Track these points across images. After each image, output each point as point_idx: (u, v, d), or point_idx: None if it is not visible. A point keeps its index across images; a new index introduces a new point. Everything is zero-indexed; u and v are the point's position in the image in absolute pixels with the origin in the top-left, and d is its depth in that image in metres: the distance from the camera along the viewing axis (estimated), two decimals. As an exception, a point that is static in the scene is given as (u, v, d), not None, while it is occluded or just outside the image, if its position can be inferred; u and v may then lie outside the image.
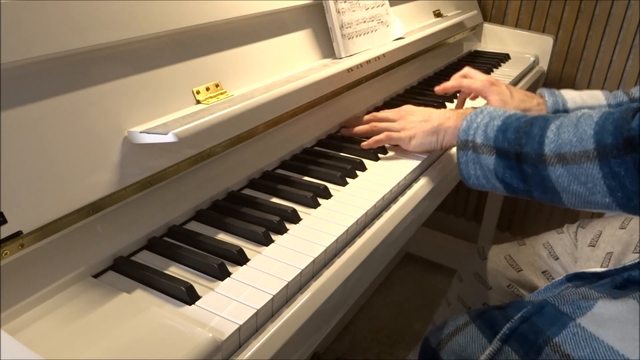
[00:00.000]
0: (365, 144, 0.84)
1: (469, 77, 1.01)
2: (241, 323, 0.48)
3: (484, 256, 1.05)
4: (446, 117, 0.81)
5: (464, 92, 1.00)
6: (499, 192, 0.73)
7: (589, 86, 1.57)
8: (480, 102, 1.04)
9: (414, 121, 0.84)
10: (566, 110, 0.91)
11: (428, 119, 0.82)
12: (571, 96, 0.92)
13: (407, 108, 0.88)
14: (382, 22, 1.04)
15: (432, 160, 0.87)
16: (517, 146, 0.66)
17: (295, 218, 0.65)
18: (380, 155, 0.85)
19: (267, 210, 0.67)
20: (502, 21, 1.63)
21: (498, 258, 1.03)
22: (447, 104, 1.10)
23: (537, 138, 0.64)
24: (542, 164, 0.63)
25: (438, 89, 1.01)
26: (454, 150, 0.88)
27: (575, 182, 0.61)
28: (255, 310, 0.50)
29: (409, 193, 0.76)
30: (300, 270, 0.55)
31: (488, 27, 1.60)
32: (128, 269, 0.55)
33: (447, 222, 1.93)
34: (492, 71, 1.37)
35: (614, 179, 0.58)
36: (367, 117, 0.93)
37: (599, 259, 0.82)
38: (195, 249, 0.59)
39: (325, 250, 0.59)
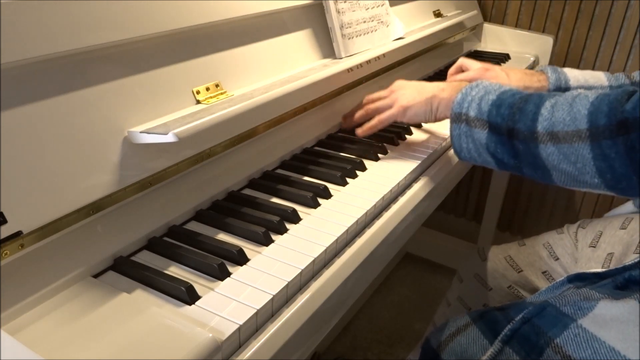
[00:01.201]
0: (359, 132, 0.84)
1: (464, 68, 1.01)
2: (241, 323, 0.48)
3: (484, 257, 1.05)
4: (440, 89, 0.81)
5: None
6: (490, 167, 0.73)
7: (589, 86, 1.57)
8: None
9: (407, 93, 0.83)
10: (568, 88, 0.91)
11: (421, 90, 0.82)
12: (574, 75, 0.93)
13: (399, 83, 0.87)
14: (382, 22, 1.04)
15: (432, 160, 0.87)
16: (510, 122, 0.66)
17: (295, 218, 0.65)
18: (380, 155, 0.85)
19: (267, 210, 0.66)
20: (502, 21, 1.63)
21: (498, 259, 1.03)
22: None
23: (531, 115, 0.64)
24: (533, 141, 0.63)
25: None
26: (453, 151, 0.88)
27: (565, 162, 0.61)
28: (255, 310, 0.49)
29: (409, 193, 0.76)
30: (300, 270, 0.55)
31: (488, 27, 1.60)
32: (128, 269, 0.55)
33: (447, 222, 1.93)
34: (492, 71, 1.36)
35: (604, 161, 0.58)
36: (364, 101, 0.92)
37: (600, 260, 0.82)
38: (195, 249, 0.59)
39: (325, 250, 0.59)
